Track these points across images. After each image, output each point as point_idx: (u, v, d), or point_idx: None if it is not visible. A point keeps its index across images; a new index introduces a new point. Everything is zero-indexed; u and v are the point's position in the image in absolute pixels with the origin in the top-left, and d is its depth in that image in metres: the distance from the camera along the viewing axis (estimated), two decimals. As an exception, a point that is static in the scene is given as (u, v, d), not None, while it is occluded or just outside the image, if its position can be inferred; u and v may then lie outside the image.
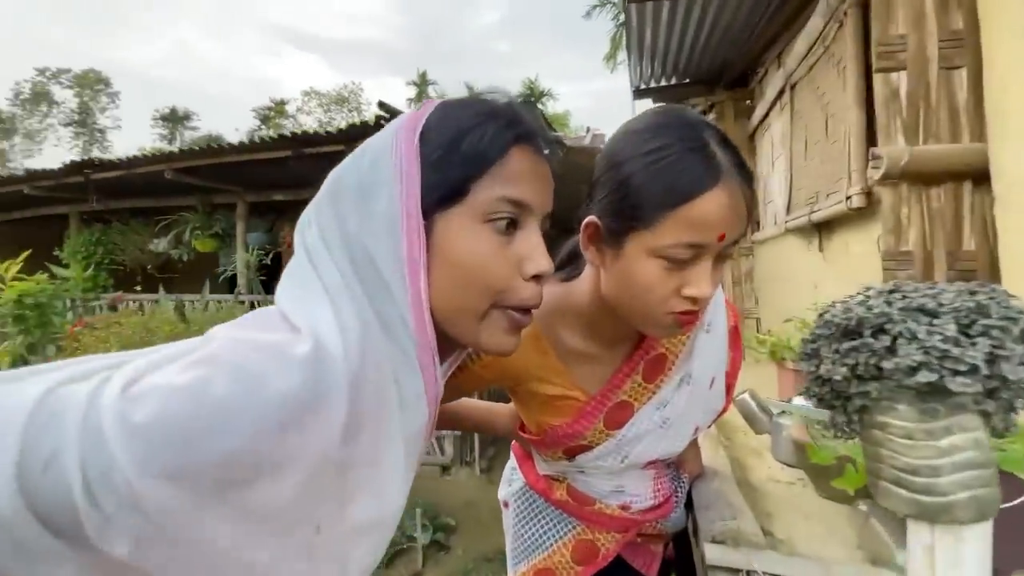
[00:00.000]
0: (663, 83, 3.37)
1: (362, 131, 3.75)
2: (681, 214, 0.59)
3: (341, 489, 0.44)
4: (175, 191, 5.96)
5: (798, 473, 1.12)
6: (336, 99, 32.63)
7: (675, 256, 0.61)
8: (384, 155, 0.49)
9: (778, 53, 2.59)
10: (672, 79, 3.31)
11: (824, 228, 2.02)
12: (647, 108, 0.69)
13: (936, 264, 1.14)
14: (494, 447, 4.63)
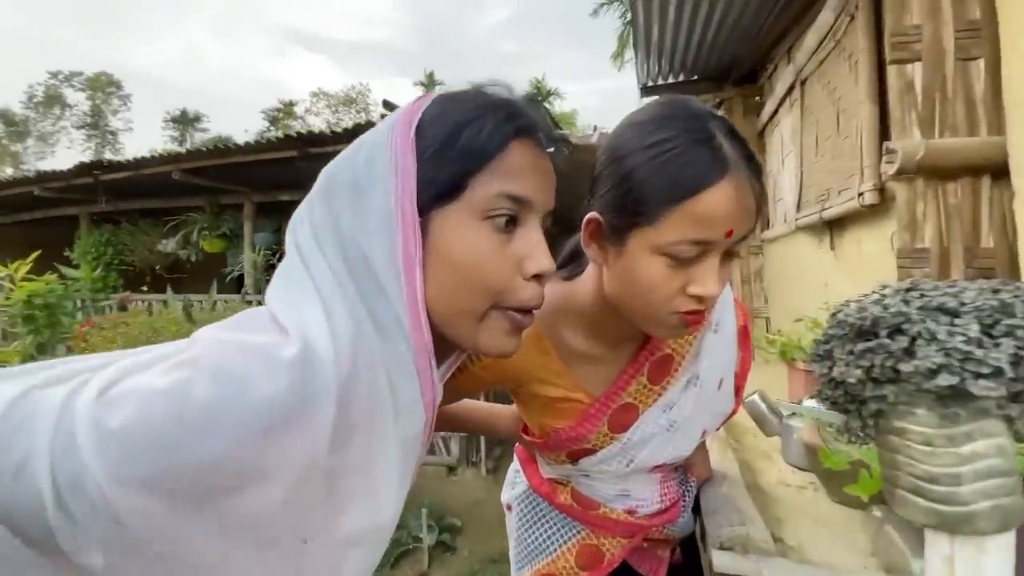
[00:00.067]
0: (671, 80, 3.34)
1: (367, 131, 3.74)
2: (686, 209, 0.57)
3: (331, 498, 0.43)
4: (183, 192, 6.01)
5: (809, 477, 1.10)
6: (344, 100, 32.84)
7: (680, 253, 0.58)
8: (380, 150, 0.47)
9: (788, 48, 2.56)
10: (680, 76, 3.28)
11: (835, 226, 2.00)
12: (651, 100, 0.67)
13: (953, 262, 1.11)
14: (500, 447, 4.62)
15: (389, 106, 3.71)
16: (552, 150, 0.53)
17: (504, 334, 0.50)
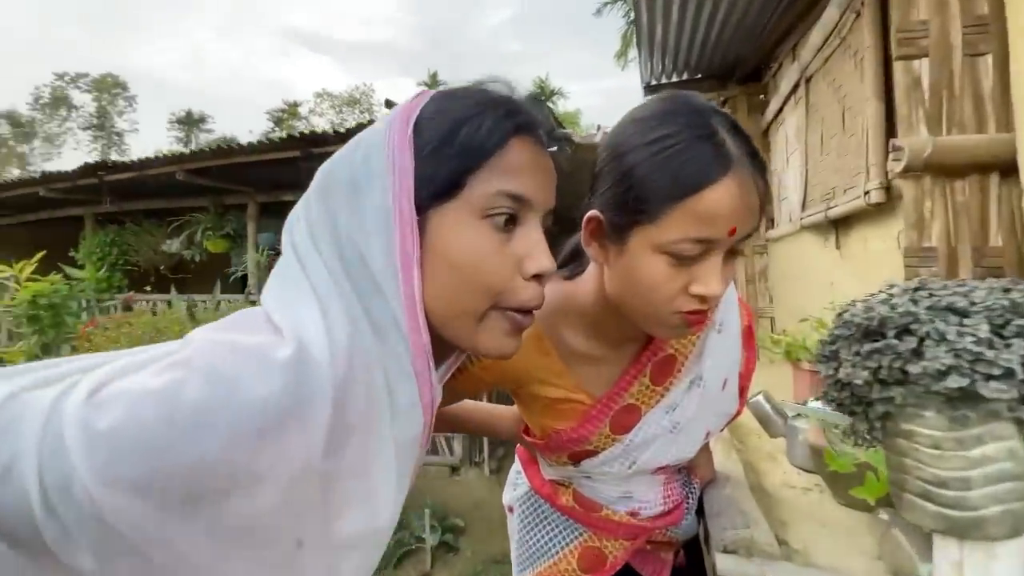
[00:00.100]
0: (675, 79, 3.33)
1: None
2: (688, 207, 0.55)
3: (326, 502, 0.42)
4: (187, 192, 6.04)
5: (815, 479, 1.09)
6: (348, 100, 32.89)
7: (682, 252, 0.57)
8: (377, 148, 0.47)
9: (792, 46, 2.54)
10: (684, 75, 3.27)
11: (841, 225, 1.98)
12: (653, 96, 0.66)
13: (961, 261, 1.09)
14: (503, 447, 4.61)
15: (391, 106, 3.70)
16: (555, 149, 0.52)
17: (504, 335, 0.49)
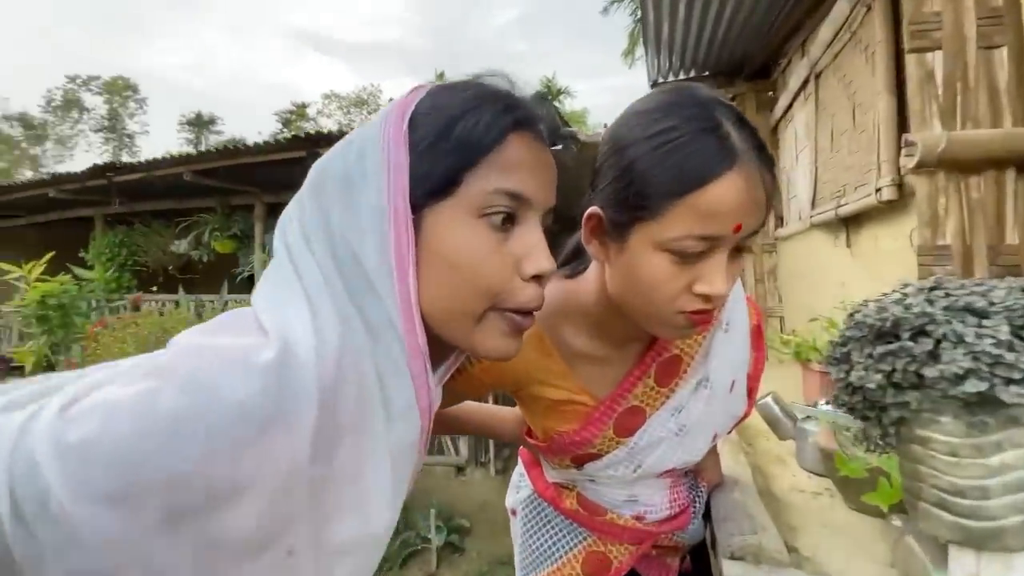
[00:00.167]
0: (682, 77, 3.31)
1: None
2: (691, 202, 0.53)
3: (317, 507, 0.41)
4: (195, 193, 6.09)
5: (825, 483, 1.07)
6: (355, 101, 33.01)
7: (685, 250, 0.55)
8: (372, 143, 0.45)
9: (801, 42, 2.51)
10: (691, 72, 3.25)
11: (852, 223, 1.96)
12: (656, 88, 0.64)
13: (976, 259, 1.06)
14: (509, 448, 4.60)
15: (396, 105, 3.70)
16: (560, 147, 0.51)
17: (503, 336, 0.48)
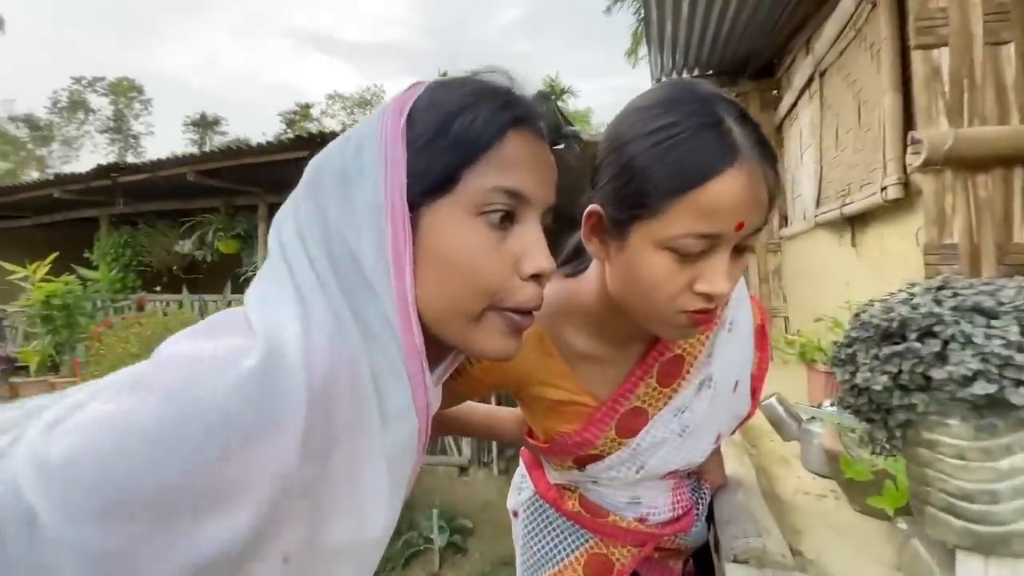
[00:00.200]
0: (685, 75, 3.29)
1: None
2: (691, 200, 0.52)
3: (312, 510, 0.40)
4: (199, 193, 6.10)
5: (830, 484, 1.05)
6: (359, 102, 33.06)
7: (686, 248, 0.54)
8: (369, 139, 0.45)
9: (806, 40, 2.49)
10: (695, 71, 3.23)
11: (857, 222, 1.94)
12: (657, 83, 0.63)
13: (984, 258, 1.05)
14: (513, 448, 4.58)
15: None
16: (562, 146, 0.50)
17: (502, 336, 0.47)
